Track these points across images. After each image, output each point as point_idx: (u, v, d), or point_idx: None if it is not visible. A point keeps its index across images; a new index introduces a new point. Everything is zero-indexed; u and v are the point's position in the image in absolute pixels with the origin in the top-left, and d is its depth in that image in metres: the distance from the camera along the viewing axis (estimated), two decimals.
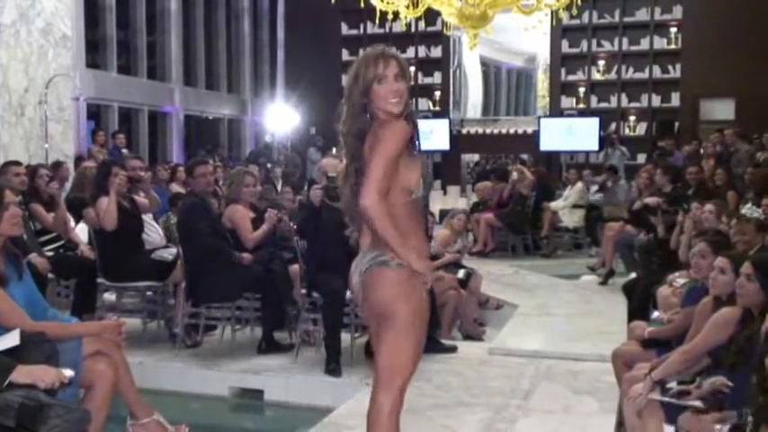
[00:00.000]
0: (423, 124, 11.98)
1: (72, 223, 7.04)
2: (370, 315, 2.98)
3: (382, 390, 2.93)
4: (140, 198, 6.59)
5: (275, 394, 5.51)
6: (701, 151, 12.87)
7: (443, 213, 10.02)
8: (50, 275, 6.42)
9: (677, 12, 16.07)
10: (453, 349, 6.01)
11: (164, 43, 15.49)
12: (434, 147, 15.88)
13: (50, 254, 6.52)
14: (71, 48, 12.29)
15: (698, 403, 3.45)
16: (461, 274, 7.42)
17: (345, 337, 5.77)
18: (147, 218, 6.72)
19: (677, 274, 5.81)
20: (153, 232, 6.80)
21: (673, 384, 3.75)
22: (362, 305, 2.99)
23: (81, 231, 6.96)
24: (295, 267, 6.21)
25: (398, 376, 2.93)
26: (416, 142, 2.98)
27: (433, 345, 5.88)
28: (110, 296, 6.58)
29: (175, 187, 9.07)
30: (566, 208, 11.35)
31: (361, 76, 2.97)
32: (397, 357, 2.89)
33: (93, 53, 13.88)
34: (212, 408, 5.61)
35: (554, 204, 11.37)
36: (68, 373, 3.07)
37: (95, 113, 14.06)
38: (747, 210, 6.00)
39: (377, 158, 2.83)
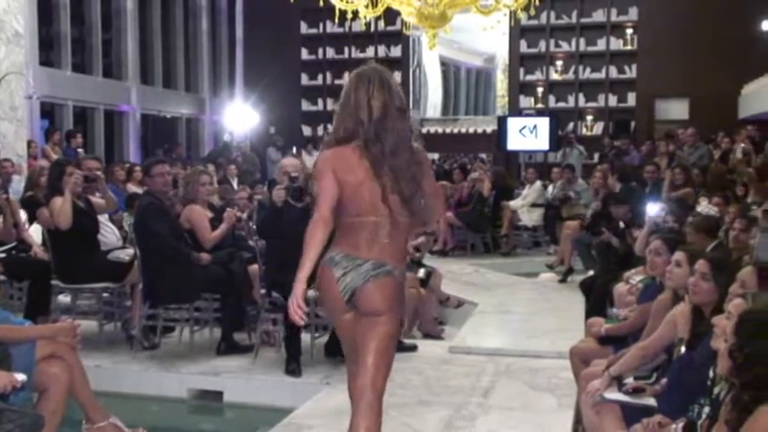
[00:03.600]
0: None
1: (26, 224, 6.92)
2: (358, 315, 3.22)
3: (380, 372, 3.20)
4: (96, 198, 6.50)
5: (235, 395, 5.47)
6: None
7: None
8: (3, 277, 6.30)
9: (633, 13, 16.30)
10: (414, 348, 6.02)
11: (119, 41, 15.29)
12: None
13: (2, 255, 6.39)
14: (24, 45, 12.03)
15: (651, 401, 3.49)
16: (422, 273, 7.43)
17: (305, 337, 5.75)
18: (103, 218, 6.63)
19: (633, 271, 5.89)
20: (109, 233, 6.70)
21: (630, 380, 3.79)
22: (342, 305, 3.23)
23: (35, 232, 6.83)
24: (254, 267, 6.18)
25: (388, 368, 3.26)
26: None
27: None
28: (64, 298, 6.46)
29: (132, 187, 8.96)
30: (524, 207, 11.44)
31: None
32: (389, 351, 3.26)
33: (47, 51, 13.67)
34: (171, 410, 5.56)
35: (513, 203, 11.46)
36: (20, 377, 3.01)
37: (49, 112, 13.83)
38: (702, 208, 6.12)
39: None
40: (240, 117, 17.05)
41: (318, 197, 3.24)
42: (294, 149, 16.56)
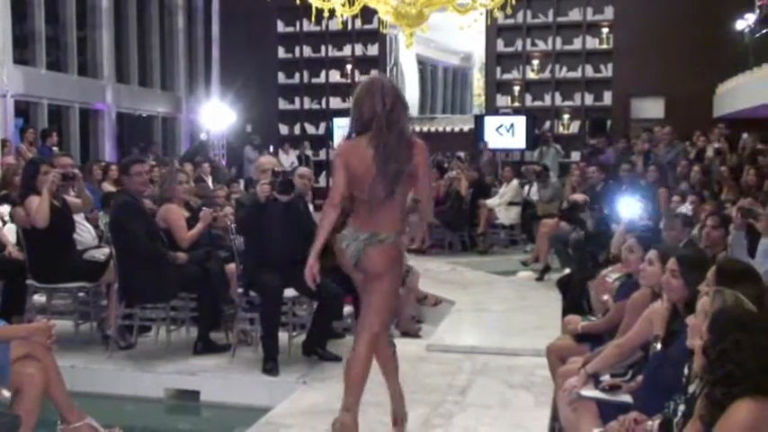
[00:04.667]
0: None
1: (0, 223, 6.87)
2: (365, 275, 3.99)
3: (376, 319, 4.01)
4: (72, 198, 6.44)
5: (212, 395, 5.45)
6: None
7: None
8: None
9: (609, 12, 16.42)
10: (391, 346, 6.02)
11: (95, 39, 15.17)
12: None
13: None
14: None
15: (627, 398, 3.52)
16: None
17: (283, 336, 5.74)
18: (79, 218, 6.57)
19: (610, 268, 5.93)
20: (85, 232, 6.65)
21: (606, 377, 3.83)
22: (353, 267, 4.01)
23: (9, 231, 6.77)
24: (231, 266, 6.16)
25: (387, 313, 4.13)
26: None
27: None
28: (39, 298, 6.40)
29: (108, 186, 8.90)
30: (501, 205, 11.49)
31: None
32: (386, 302, 4.05)
33: (22, 49, 13.52)
34: (147, 410, 5.53)
35: (490, 202, 11.50)
36: (6, 393, 3.00)
37: (24, 111, 13.70)
38: (683, 208, 6.18)
39: None
40: (217, 116, 16.97)
41: (332, 187, 3.96)
42: (271, 148, 16.53)
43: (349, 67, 17.96)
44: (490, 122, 16.17)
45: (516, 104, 17.06)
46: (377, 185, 3.87)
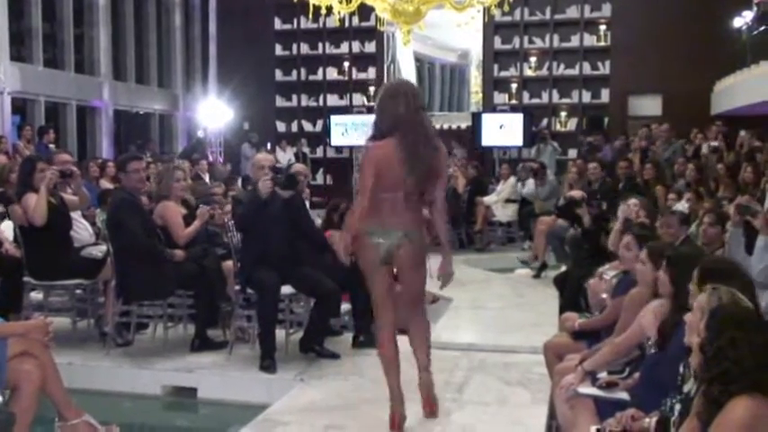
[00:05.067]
0: (356, 119, 12.15)
1: None
2: (398, 269, 4.43)
3: (418, 306, 4.58)
4: (68, 195, 6.44)
5: (209, 392, 5.45)
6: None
7: None
8: None
9: (606, 9, 16.41)
10: None
11: (92, 36, 15.15)
12: None
13: None
14: None
15: (624, 395, 3.52)
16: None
17: (280, 333, 5.74)
18: (76, 215, 6.56)
19: (607, 266, 5.93)
20: (82, 229, 6.64)
21: (603, 374, 3.83)
22: (378, 263, 4.32)
23: (6, 228, 6.76)
24: (228, 263, 6.16)
25: (422, 295, 4.67)
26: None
27: (368, 339, 5.90)
28: (37, 295, 6.40)
29: (105, 183, 8.89)
30: (498, 202, 11.50)
31: None
32: (422, 287, 4.59)
33: (18, 46, 13.51)
34: (145, 407, 5.53)
35: (487, 199, 11.51)
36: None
37: (21, 108, 13.68)
38: (680, 205, 6.19)
39: None
40: (214, 113, 16.96)
41: (361, 189, 4.25)
42: (268, 145, 16.52)
43: (346, 64, 17.94)
44: (488, 120, 16.17)
45: (513, 102, 17.04)
46: (407, 185, 4.18)
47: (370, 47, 17.73)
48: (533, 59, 17.02)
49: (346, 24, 16.11)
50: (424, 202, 4.41)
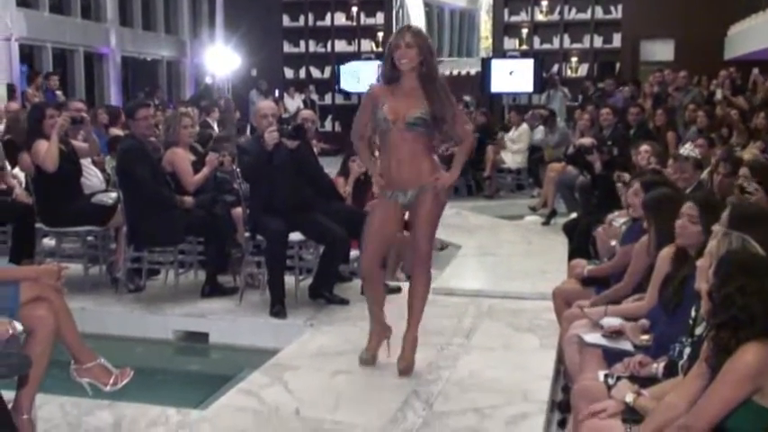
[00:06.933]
0: (365, 65, 12.07)
1: (8, 167, 6.89)
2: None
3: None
4: (78, 142, 6.44)
5: (220, 337, 5.51)
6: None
7: None
8: None
9: None
10: (398, 290, 6.05)
11: None
12: None
13: None
14: None
15: (628, 345, 3.53)
16: (405, 215, 7.42)
17: (290, 279, 5.78)
18: (86, 162, 6.58)
19: (616, 213, 5.92)
20: (92, 176, 6.66)
21: (610, 320, 3.83)
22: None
23: (20, 175, 6.82)
24: (238, 210, 6.17)
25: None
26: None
27: None
28: (49, 242, 6.45)
29: (114, 131, 8.87)
30: (519, 153, 11.46)
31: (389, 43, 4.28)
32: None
33: None
34: (157, 351, 5.60)
35: (504, 153, 11.47)
36: (19, 326, 3.03)
37: (28, 55, 13.60)
38: (685, 149, 6.14)
39: None
40: (221, 59, 16.83)
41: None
42: (276, 92, 16.43)
43: (354, 9, 17.74)
44: (497, 66, 16.01)
45: (524, 47, 16.86)
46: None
47: None
48: (544, 3, 16.79)
49: None
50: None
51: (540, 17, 16.85)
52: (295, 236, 5.71)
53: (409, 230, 4.75)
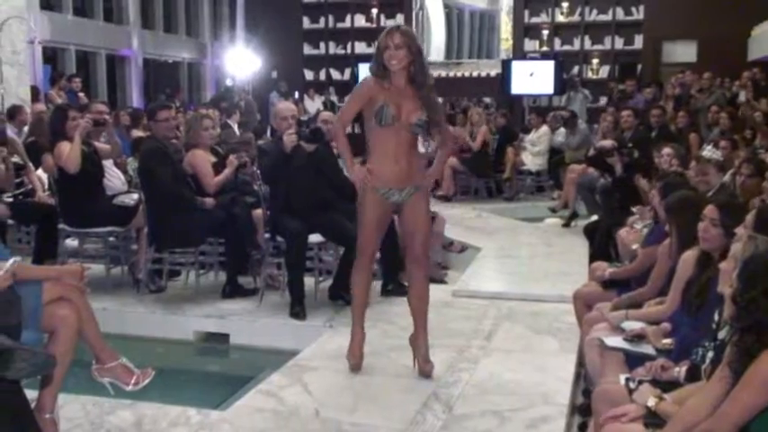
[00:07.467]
0: None
1: (31, 166, 6.96)
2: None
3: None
4: (101, 144, 6.50)
5: (240, 338, 5.53)
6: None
7: None
8: (10, 222, 6.33)
9: None
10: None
11: None
12: None
13: (9, 200, 6.43)
14: None
15: (650, 349, 3.51)
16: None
17: (309, 281, 5.79)
18: (108, 163, 6.63)
19: (637, 216, 5.90)
20: (114, 177, 6.71)
21: (630, 324, 3.81)
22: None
23: (43, 176, 6.88)
24: (258, 212, 6.20)
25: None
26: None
27: (395, 287, 5.95)
28: (72, 242, 6.51)
29: (137, 132, 8.93)
30: (539, 155, 11.41)
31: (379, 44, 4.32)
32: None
33: None
34: (178, 351, 5.63)
35: (524, 155, 11.43)
36: (7, 264, 3.03)
37: (52, 58, 13.73)
38: (707, 152, 6.10)
39: None
40: (242, 61, 16.91)
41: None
42: (296, 95, 16.47)
43: (374, 11, 17.75)
44: (518, 67, 15.96)
45: (544, 49, 16.80)
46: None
47: None
48: (565, 5, 16.73)
49: None
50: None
51: (560, 18, 16.79)
52: (314, 237, 5.72)
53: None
